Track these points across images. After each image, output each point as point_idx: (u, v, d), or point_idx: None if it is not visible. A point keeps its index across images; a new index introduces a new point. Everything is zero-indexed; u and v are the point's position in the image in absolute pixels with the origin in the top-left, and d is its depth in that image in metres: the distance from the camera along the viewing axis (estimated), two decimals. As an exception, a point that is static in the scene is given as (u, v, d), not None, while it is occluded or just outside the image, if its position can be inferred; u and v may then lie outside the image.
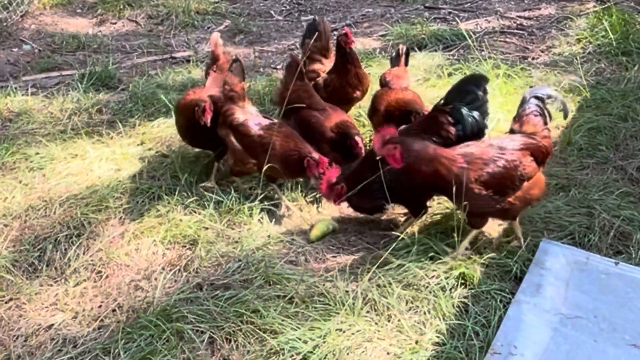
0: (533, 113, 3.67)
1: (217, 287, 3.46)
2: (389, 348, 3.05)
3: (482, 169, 3.39)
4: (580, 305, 3.25)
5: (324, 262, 3.71)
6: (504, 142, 3.55)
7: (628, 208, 3.96)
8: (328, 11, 8.35)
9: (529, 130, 3.62)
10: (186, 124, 4.38)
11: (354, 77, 4.73)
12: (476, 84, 3.85)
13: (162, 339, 3.08)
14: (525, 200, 3.54)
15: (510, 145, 3.52)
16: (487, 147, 3.51)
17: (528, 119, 3.66)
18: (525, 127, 3.64)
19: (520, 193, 3.48)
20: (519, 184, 3.46)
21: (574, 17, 7.27)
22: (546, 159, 3.65)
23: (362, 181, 3.70)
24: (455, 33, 6.89)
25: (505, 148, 3.49)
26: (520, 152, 3.49)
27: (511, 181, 3.43)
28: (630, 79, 5.65)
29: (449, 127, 3.80)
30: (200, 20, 7.90)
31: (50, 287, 3.53)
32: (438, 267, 3.47)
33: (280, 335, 3.06)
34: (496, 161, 3.42)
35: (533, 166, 3.51)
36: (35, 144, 4.91)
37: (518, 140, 3.57)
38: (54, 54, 6.93)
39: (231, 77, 4.21)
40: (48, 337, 3.21)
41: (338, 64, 4.75)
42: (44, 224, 3.97)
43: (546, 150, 3.60)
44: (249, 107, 4.29)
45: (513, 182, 3.44)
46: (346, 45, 4.63)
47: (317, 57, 5.02)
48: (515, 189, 3.46)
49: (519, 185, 3.46)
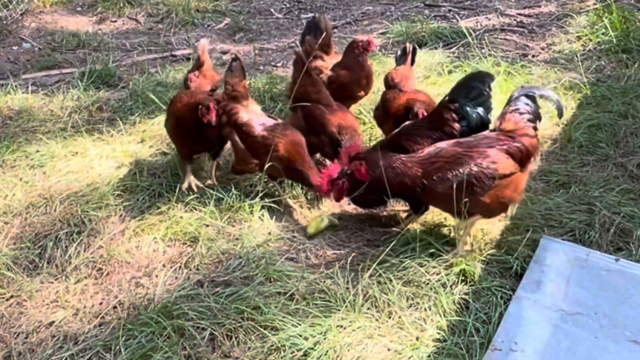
0: (517, 111, 3.58)
1: (217, 284, 3.47)
2: (389, 344, 3.05)
3: (446, 171, 3.37)
4: (580, 302, 3.26)
5: (325, 259, 3.71)
6: (475, 141, 3.49)
7: (628, 205, 3.97)
8: (328, 9, 8.35)
9: (507, 128, 3.54)
10: (186, 126, 4.20)
11: (364, 77, 4.79)
12: (481, 81, 3.85)
13: (162, 335, 3.09)
14: (497, 199, 3.45)
15: (481, 143, 3.45)
16: (455, 146, 3.47)
17: (509, 117, 3.57)
18: (505, 124, 3.56)
19: (492, 191, 3.40)
20: (488, 182, 3.37)
21: (574, 14, 7.27)
22: (527, 159, 3.51)
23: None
24: (456, 31, 6.89)
25: (476, 147, 3.43)
26: (491, 151, 3.42)
27: (477, 180, 3.37)
28: (631, 76, 5.65)
29: (453, 123, 3.81)
30: (200, 18, 7.90)
31: (51, 284, 3.53)
32: (438, 264, 3.48)
33: (281, 331, 3.07)
34: (461, 161, 3.38)
35: (507, 165, 3.41)
36: (35, 142, 4.92)
37: (491, 138, 3.50)
38: (54, 52, 6.93)
39: (232, 76, 4.20)
40: (49, 334, 3.21)
41: (351, 64, 4.75)
42: (44, 222, 3.97)
43: (525, 149, 3.47)
44: (254, 106, 4.28)
45: (479, 180, 3.37)
46: (367, 49, 4.70)
47: (319, 54, 5.03)
48: (485, 188, 3.39)
49: (488, 184, 3.38)
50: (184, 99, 4.26)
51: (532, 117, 3.59)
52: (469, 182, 3.37)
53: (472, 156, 3.40)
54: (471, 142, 3.51)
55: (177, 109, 4.26)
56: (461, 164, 3.38)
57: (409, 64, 4.78)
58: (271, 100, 5.43)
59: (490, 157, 3.40)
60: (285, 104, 5.34)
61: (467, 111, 3.80)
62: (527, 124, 3.56)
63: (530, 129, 3.55)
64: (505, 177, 3.40)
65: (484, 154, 3.41)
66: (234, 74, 4.21)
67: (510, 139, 3.48)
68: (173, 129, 4.36)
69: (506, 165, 3.41)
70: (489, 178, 3.38)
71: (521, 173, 3.50)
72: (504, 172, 3.40)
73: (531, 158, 3.55)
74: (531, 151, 3.52)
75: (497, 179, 3.39)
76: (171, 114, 4.34)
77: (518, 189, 3.52)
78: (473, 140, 3.52)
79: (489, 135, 3.55)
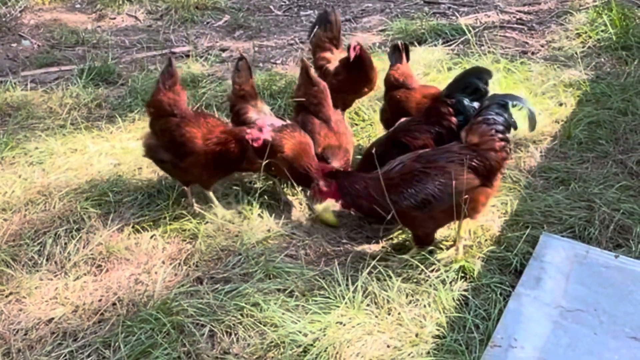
0: (485, 122, 3.42)
1: (217, 281, 3.47)
2: (389, 341, 3.05)
3: (404, 189, 3.36)
4: (580, 298, 3.26)
5: (324, 256, 3.71)
6: (434, 156, 3.43)
7: (628, 201, 3.97)
8: (327, 6, 8.31)
9: (472, 141, 3.41)
10: (218, 160, 3.79)
11: (371, 79, 4.77)
12: (478, 77, 3.85)
13: (162, 332, 3.08)
14: (452, 215, 3.40)
15: (441, 158, 3.39)
16: (413, 162, 3.42)
17: (474, 129, 3.43)
18: (470, 137, 3.43)
19: (450, 207, 3.35)
20: (448, 199, 3.31)
21: (573, 11, 7.25)
22: (494, 173, 3.40)
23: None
24: (455, 28, 6.87)
25: (434, 162, 3.38)
26: (450, 166, 3.34)
27: (433, 197, 3.33)
28: (630, 73, 5.64)
29: (451, 117, 3.81)
30: (199, 15, 7.88)
31: (50, 281, 3.53)
32: (438, 261, 3.47)
33: (281, 328, 3.07)
34: (418, 178, 3.35)
35: (466, 181, 3.31)
36: (34, 139, 4.91)
37: (452, 152, 3.41)
38: (53, 49, 6.91)
39: (239, 76, 4.18)
40: (48, 331, 3.21)
41: (359, 63, 4.65)
42: (43, 218, 3.97)
43: (489, 165, 3.36)
44: (262, 106, 4.28)
45: (436, 198, 3.33)
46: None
47: (328, 46, 5.02)
48: (443, 203, 3.34)
49: (447, 200, 3.32)
50: (211, 137, 3.80)
51: (502, 127, 3.42)
52: (426, 200, 3.34)
53: (429, 173, 3.35)
54: (431, 156, 3.44)
55: (206, 147, 3.78)
56: (418, 181, 3.35)
57: (405, 61, 4.72)
58: (270, 97, 5.42)
59: (450, 174, 3.32)
60: (284, 101, 5.34)
61: (464, 105, 3.80)
62: (495, 135, 3.40)
63: (497, 143, 3.40)
64: (463, 193, 3.31)
65: (443, 169, 3.35)
66: (241, 73, 4.20)
67: (473, 153, 3.38)
68: (198, 166, 3.83)
69: (466, 182, 3.31)
70: (447, 195, 3.32)
71: (486, 188, 3.42)
72: (464, 189, 3.31)
73: (497, 173, 3.44)
74: (495, 166, 3.40)
75: (455, 195, 3.31)
76: (193, 153, 3.78)
77: (478, 206, 3.44)
78: (434, 154, 3.45)
79: (451, 149, 3.44)
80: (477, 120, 3.45)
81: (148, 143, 3.98)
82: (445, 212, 3.40)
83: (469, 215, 3.43)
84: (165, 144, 3.87)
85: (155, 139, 3.94)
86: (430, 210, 3.38)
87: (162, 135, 3.88)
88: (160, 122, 3.90)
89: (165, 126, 3.85)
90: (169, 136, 3.83)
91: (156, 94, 3.92)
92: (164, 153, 3.89)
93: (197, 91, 5.65)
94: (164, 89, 3.88)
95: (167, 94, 3.87)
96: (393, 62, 4.65)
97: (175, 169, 3.93)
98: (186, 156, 3.79)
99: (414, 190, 3.35)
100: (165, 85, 3.88)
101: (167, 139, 3.84)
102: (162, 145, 3.89)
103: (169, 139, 3.83)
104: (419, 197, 3.35)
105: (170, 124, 3.83)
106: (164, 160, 3.92)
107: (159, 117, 3.91)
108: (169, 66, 3.92)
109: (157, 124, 3.93)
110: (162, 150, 3.90)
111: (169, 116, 3.85)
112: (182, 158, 3.81)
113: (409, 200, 3.37)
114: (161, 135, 3.89)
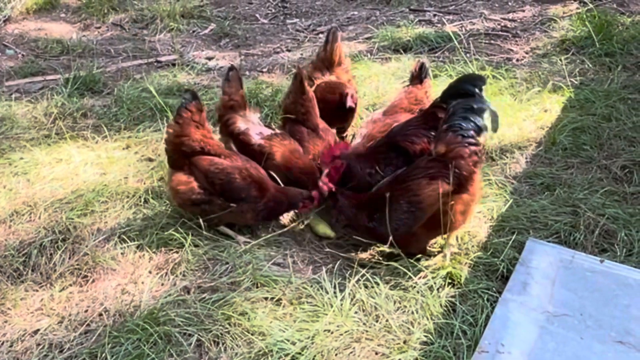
0: (450, 129, 3.41)
1: (204, 290, 3.45)
2: (377, 348, 3.05)
3: (376, 216, 3.44)
4: (566, 303, 3.28)
5: (312, 264, 3.71)
6: (406, 174, 3.47)
7: (612, 206, 4.00)
8: (313, 14, 8.36)
9: (440, 151, 3.40)
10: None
11: (349, 122, 4.80)
12: (473, 84, 3.85)
13: (149, 342, 3.07)
14: (431, 229, 3.46)
15: (411, 176, 3.43)
16: (386, 187, 3.47)
17: (441, 137, 3.43)
18: (439, 147, 3.42)
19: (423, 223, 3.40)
20: (420, 215, 3.37)
21: (557, 18, 7.33)
22: (466, 179, 3.39)
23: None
24: (440, 35, 6.93)
25: (402, 183, 3.44)
26: (413, 183, 3.38)
27: (405, 217, 3.39)
28: (614, 79, 5.70)
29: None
30: (185, 24, 7.88)
31: (35, 292, 3.50)
32: (425, 267, 3.48)
33: (269, 336, 3.06)
34: (389, 203, 3.36)
35: (434, 195, 3.32)
36: (19, 149, 4.87)
37: (419, 168, 3.43)
38: (37, 59, 6.88)
39: (229, 86, 4.18)
40: (34, 343, 3.18)
41: (347, 110, 4.57)
42: (28, 229, 3.94)
43: (459, 172, 3.34)
44: (251, 116, 4.28)
45: (405, 221, 3.39)
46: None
47: (320, 65, 4.87)
48: (416, 221, 3.40)
49: (419, 217, 3.38)
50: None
51: (471, 132, 3.41)
52: (398, 224, 3.40)
53: (397, 196, 3.38)
54: (401, 176, 3.48)
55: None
56: (390, 207, 3.37)
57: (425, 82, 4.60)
58: (257, 105, 5.42)
59: (418, 191, 3.37)
60: (271, 109, 5.35)
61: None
62: (462, 142, 3.38)
63: (464, 149, 3.37)
64: (433, 206, 3.35)
65: (406, 189, 3.39)
66: (231, 83, 4.20)
67: (441, 164, 3.37)
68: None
69: (434, 197, 3.33)
70: (416, 213, 3.38)
71: (463, 195, 3.42)
72: (429, 202, 3.35)
73: (470, 179, 3.42)
74: (467, 173, 3.38)
75: (428, 210, 3.36)
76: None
77: (457, 214, 3.44)
78: (405, 173, 3.48)
79: (419, 165, 3.46)
80: (442, 129, 3.45)
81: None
82: (425, 226, 3.43)
83: (451, 226, 3.44)
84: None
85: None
86: (409, 231, 3.41)
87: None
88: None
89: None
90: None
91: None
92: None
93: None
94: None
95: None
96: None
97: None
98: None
99: (387, 217, 3.38)
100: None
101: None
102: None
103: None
104: (392, 225, 3.39)
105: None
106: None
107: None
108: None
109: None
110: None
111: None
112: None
113: (384, 226, 3.41)
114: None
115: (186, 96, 3.80)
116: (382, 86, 5.77)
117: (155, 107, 5.34)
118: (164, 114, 5.16)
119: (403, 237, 3.45)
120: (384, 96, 5.59)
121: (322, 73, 4.85)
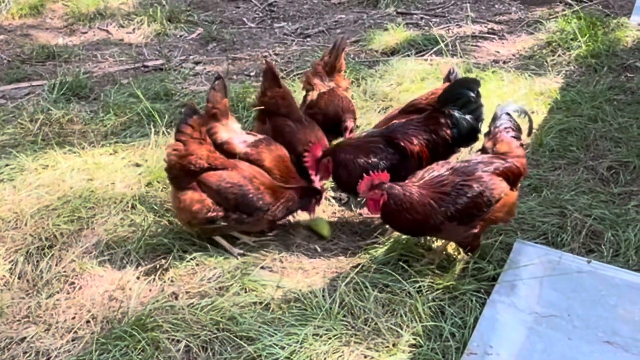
0: (506, 130, 3.55)
1: (192, 296, 3.44)
2: (366, 351, 3.05)
3: (449, 203, 3.29)
4: (554, 304, 3.29)
5: (301, 268, 3.70)
6: (470, 167, 3.40)
7: (599, 207, 4.03)
8: (301, 18, 8.36)
9: (501, 150, 3.49)
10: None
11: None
12: (468, 88, 3.86)
13: (137, 349, 3.05)
14: (490, 222, 3.46)
15: (478, 169, 3.38)
16: (452, 175, 3.36)
17: (501, 137, 3.53)
18: (499, 145, 3.51)
19: (486, 216, 3.38)
20: (487, 209, 3.34)
21: (543, 20, 7.38)
22: (519, 179, 3.51)
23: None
24: (428, 38, 6.95)
25: (472, 173, 3.35)
26: (488, 176, 3.35)
27: (477, 209, 3.32)
28: (599, 80, 5.75)
29: (447, 130, 3.84)
30: (172, 28, 7.86)
31: (22, 300, 3.46)
32: (414, 270, 3.48)
33: (257, 341, 3.05)
34: (462, 191, 3.30)
35: (502, 188, 3.36)
36: (4, 155, 4.83)
37: (487, 162, 3.43)
38: (23, 65, 6.83)
39: (214, 95, 4.17)
40: (21, 351, 3.15)
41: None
42: (14, 236, 3.90)
43: (518, 171, 3.46)
44: (232, 124, 4.25)
45: (480, 209, 3.32)
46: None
47: (320, 70, 4.78)
48: (482, 216, 3.36)
49: (486, 212, 3.35)
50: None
51: (519, 133, 3.59)
52: (470, 213, 3.32)
53: (473, 186, 3.30)
54: (466, 168, 3.40)
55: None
56: (463, 196, 3.30)
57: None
58: (244, 109, 5.41)
59: (489, 184, 3.32)
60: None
61: (456, 118, 3.83)
62: (517, 142, 3.54)
63: (520, 149, 3.54)
64: (499, 200, 3.36)
65: (481, 181, 3.33)
66: (216, 93, 4.17)
67: (507, 163, 3.43)
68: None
69: (501, 189, 3.36)
70: (487, 205, 3.33)
71: (512, 192, 3.47)
72: (500, 196, 3.35)
73: (521, 177, 3.53)
74: (522, 171, 3.50)
75: (494, 204, 3.35)
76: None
77: (510, 211, 3.49)
78: (467, 166, 3.42)
79: (485, 160, 3.45)
80: (499, 129, 3.56)
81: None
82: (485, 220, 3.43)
83: (500, 220, 3.51)
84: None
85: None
86: (469, 222, 3.36)
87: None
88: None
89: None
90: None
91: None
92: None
93: (170, 105, 5.63)
94: None
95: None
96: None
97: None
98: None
99: (457, 203, 3.30)
100: None
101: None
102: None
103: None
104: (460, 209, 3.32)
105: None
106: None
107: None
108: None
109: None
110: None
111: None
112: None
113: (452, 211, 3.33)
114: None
115: (186, 111, 3.69)
116: (369, 89, 5.78)
117: (142, 112, 5.32)
118: (151, 119, 5.13)
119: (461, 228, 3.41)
120: (372, 99, 5.60)
121: (321, 79, 4.75)
